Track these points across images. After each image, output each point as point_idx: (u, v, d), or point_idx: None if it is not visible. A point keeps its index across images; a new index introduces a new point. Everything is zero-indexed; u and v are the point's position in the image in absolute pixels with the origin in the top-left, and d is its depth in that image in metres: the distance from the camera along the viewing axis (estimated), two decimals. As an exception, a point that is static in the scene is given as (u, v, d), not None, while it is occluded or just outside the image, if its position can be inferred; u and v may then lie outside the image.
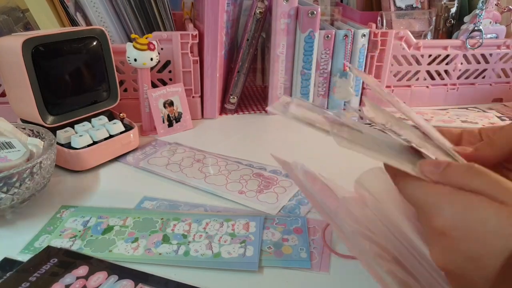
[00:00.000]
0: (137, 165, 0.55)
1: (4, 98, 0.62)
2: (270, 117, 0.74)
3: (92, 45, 0.56)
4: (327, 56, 0.71)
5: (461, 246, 0.23)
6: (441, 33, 0.80)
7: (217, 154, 0.59)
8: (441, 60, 0.78)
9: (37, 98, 0.50)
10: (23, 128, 0.50)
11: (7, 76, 0.52)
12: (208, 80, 0.68)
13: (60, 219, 0.43)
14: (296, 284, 0.36)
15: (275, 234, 0.41)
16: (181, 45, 0.66)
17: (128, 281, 0.35)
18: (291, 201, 0.47)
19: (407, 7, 0.80)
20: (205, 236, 0.41)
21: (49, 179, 0.47)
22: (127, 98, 0.67)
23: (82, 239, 0.40)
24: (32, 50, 0.49)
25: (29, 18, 0.62)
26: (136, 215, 0.44)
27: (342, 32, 0.70)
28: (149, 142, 0.62)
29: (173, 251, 0.39)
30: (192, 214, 0.45)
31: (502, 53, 0.79)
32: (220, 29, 0.65)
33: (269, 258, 0.38)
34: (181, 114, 0.66)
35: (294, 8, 0.67)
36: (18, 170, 0.40)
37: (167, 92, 0.64)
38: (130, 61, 0.60)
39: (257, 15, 0.68)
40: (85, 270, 0.36)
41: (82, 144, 0.52)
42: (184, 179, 0.52)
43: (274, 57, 0.70)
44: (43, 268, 0.36)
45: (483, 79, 0.81)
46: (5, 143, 0.44)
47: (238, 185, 0.51)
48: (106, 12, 0.66)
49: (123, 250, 0.39)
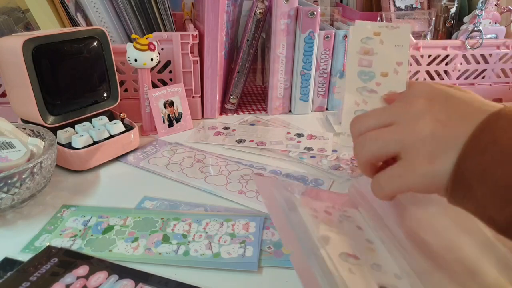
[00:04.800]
0: (138, 165, 0.55)
1: (5, 98, 0.62)
2: (270, 117, 0.74)
3: (92, 45, 0.56)
4: (327, 57, 0.71)
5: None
6: (441, 34, 0.80)
7: (217, 154, 0.59)
8: (440, 60, 0.78)
9: (38, 98, 0.50)
10: (23, 128, 0.50)
11: (7, 76, 0.52)
12: (208, 80, 0.68)
13: (60, 219, 0.44)
14: (296, 284, 0.36)
15: (275, 234, 0.42)
16: (181, 45, 0.66)
17: (128, 280, 0.35)
18: (291, 201, 0.48)
19: (406, 8, 0.80)
20: (205, 236, 0.41)
21: (50, 179, 0.47)
22: (128, 98, 0.67)
23: (83, 239, 0.40)
24: (32, 50, 0.49)
25: (30, 19, 0.62)
26: (137, 214, 0.44)
27: (342, 32, 0.70)
28: (150, 142, 0.63)
29: (173, 251, 0.39)
30: (192, 214, 0.45)
31: (501, 53, 0.79)
32: (220, 30, 0.65)
33: (269, 258, 0.38)
34: (182, 114, 0.67)
35: (294, 8, 0.67)
36: (19, 170, 0.40)
37: (168, 92, 0.65)
38: (130, 61, 0.60)
39: (257, 15, 0.68)
40: (85, 269, 0.36)
41: (83, 144, 0.53)
42: (185, 179, 0.52)
43: (274, 57, 0.70)
44: (44, 267, 0.36)
45: (483, 79, 0.82)
46: (6, 143, 0.44)
47: (238, 185, 0.51)
48: (107, 13, 0.66)
49: (123, 250, 0.39)
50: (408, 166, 0.31)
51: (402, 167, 0.31)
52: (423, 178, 0.30)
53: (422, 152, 0.30)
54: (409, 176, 0.31)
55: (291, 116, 0.74)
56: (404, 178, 0.31)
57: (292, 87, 0.73)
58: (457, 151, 0.28)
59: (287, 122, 0.71)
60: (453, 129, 0.29)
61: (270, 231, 0.42)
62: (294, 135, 0.65)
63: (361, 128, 0.36)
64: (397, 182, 0.32)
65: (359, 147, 0.35)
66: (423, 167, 0.30)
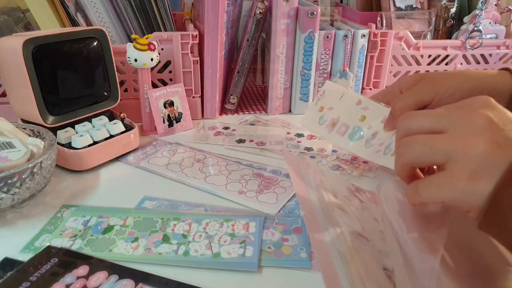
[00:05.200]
0: (138, 165, 0.55)
1: (5, 98, 0.62)
2: (270, 117, 0.74)
3: (92, 45, 0.56)
4: (327, 57, 0.71)
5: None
6: (441, 34, 0.80)
7: (217, 154, 0.59)
8: (440, 60, 0.78)
9: (38, 98, 0.50)
10: (23, 128, 0.50)
11: (7, 76, 0.52)
12: (208, 80, 0.68)
13: (60, 219, 0.44)
14: (296, 284, 0.36)
15: (275, 234, 0.42)
16: (181, 45, 0.66)
17: (128, 280, 0.35)
18: (291, 201, 0.48)
19: (406, 8, 0.80)
20: (205, 236, 0.41)
21: (50, 179, 0.47)
22: (128, 98, 0.67)
23: (83, 239, 0.40)
24: (32, 50, 0.49)
25: (30, 19, 0.62)
26: (137, 214, 0.44)
27: (342, 32, 0.70)
28: (150, 142, 0.63)
29: (173, 251, 0.39)
30: (192, 214, 0.45)
31: (501, 53, 0.79)
32: (221, 30, 0.65)
33: (269, 258, 0.38)
34: (182, 114, 0.67)
35: (294, 8, 0.67)
36: (19, 170, 0.40)
37: (168, 92, 0.65)
38: (130, 61, 0.60)
39: (257, 15, 0.68)
40: (85, 269, 0.36)
41: (83, 144, 0.53)
42: (185, 179, 0.52)
43: (274, 57, 0.70)
44: (44, 267, 0.36)
45: (483, 79, 0.81)
46: (6, 143, 0.44)
47: (238, 185, 0.51)
48: (107, 13, 0.66)
49: (123, 250, 0.39)
50: (448, 178, 0.30)
51: (443, 178, 0.30)
52: (459, 194, 0.29)
53: (466, 168, 0.29)
54: (447, 188, 0.30)
55: (291, 116, 0.74)
56: (441, 189, 0.30)
57: (292, 87, 0.73)
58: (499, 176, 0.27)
59: (287, 122, 0.71)
60: (506, 153, 0.28)
61: (270, 231, 0.42)
62: (294, 135, 0.65)
63: (410, 128, 0.34)
64: (434, 192, 0.31)
65: (403, 147, 0.34)
66: (462, 183, 0.29)
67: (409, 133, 0.34)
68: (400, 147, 0.34)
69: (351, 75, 0.72)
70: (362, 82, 0.76)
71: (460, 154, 0.29)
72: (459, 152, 0.29)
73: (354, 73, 0.73)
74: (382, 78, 0.76)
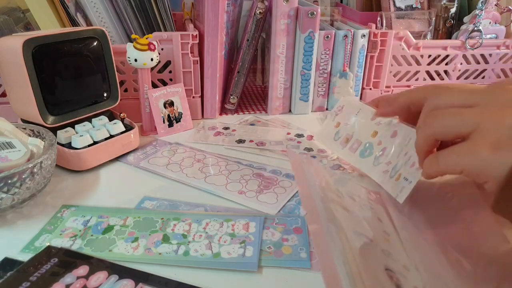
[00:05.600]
0: (138, 165, 0.55)
1: (5, 98, 0.62)
2: (270, 117, 0.74)
3: (92, 45, 0.56)
4: (327, 57, 0.71)
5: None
6: (441, 34, 0.80)
7: (217, 154, 0.59)
8: (440, 60, 0.78)
9: (38, 98, 0.50)
10: (23, 128, 0.50)
11: (7, 76, 0.52)
12: (208, 80, 0.68)
13: (60, 219, 0.44)
14: (296, 284, 0.36)
15: (275, 234, 0.42)
16: (181, 45, 0.66)
17: (128, 280, 0.35)
18: (291, 201, 0.48)
19: (406, 8, 0.80)
20: (205, 236, 0.41)
21: (50, 179, 0.47)
22: (128, 98, 0.67)
23: (83, 239, 0.40)
24: (32, 50, 0.49)
25: (30, 18, 0.62)
26: (137, 214, 0.44)
27: (342, 32, 0.70)
28: (150, 142, 0.63)
29: (173, 251, 0.39)
30: (192, 214, 0.45)
31: (501, 53, 0.79)
32: (221, 30, 0.65)
33: (269, 258, 0.38)
34: (182, 114, 0.67)
35: (294, 8, 0.67)
36: (19, 170, 0.40)
37: (168, 92, 0.65)
38: (130, 61, 0.60)
39: (257, 15, 0.68)
40: (85, 269, 0.36)
41: (83, 144, 0.53)
42: (185, 179, 0.52)
43: (274, 57, 0.70)
44: (44, 267, 0.36)
45: (483, 79, 0.82)
46: (6, 143, 0.44)
47: (238, 185, 0.51)
48: (107, 13, 0.66)
49: (123, 250, 0.39)
50: (471, 147, 0.30)
51: (465, 146, 0.30)
52: (480, 162, 0.29)
53: (491, 137, 0.29)
54: (468, 156, 0.30)
55: (291, 116, 0.74)
56: (462, 156, 0.30)
57: (292, 87, 0.73)
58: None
59: (287, 122, 0.71)
60: None
61: (270, 231, 0.42)
62: (294, 135, 0.65)
63: (439, 103, 0.34)
64: (454, 160, 0.31)
65: (431, 118, 0.33)
66: (485, 152, 0.28)
67: (438, 108, 0.34)
68: (428, 117, 0.34)
69: (351, 75, 0.72)
70: (362, 82, 0.76)
71: (487, 124, 0.29)
72: (487, 122, 0.29)
73: (354, 73, 0.73)
74: (382, 78, 0.76)
